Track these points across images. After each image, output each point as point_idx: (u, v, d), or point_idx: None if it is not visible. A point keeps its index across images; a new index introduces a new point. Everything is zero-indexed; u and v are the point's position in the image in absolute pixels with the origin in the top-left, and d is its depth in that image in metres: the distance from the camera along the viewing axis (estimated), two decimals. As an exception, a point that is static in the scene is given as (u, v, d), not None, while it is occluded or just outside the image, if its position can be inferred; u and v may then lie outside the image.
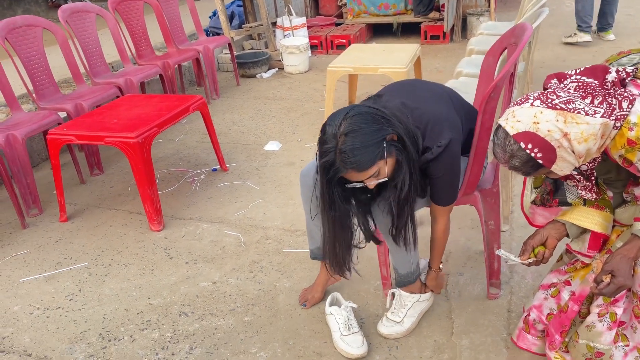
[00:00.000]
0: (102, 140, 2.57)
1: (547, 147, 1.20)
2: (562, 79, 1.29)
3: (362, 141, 1.40)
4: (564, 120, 1.18)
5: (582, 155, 1.22)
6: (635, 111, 1.18)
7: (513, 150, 1.23)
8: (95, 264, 2.44)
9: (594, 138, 1.19)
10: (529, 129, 1.20)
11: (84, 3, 3.79)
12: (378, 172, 1.46)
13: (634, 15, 6.24)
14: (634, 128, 1.17)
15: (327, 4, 6.83)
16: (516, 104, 1.26)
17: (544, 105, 1.20)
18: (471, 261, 2.25)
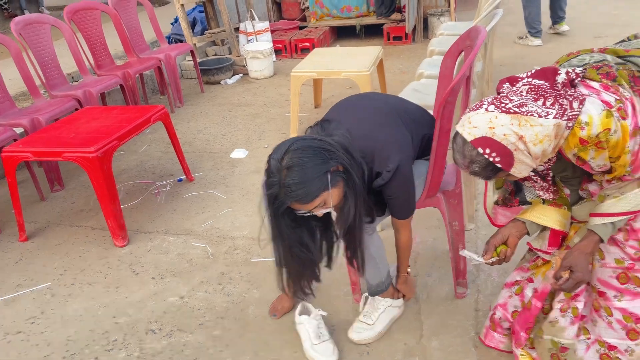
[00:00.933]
0: (59, 156, 2.50)
1: (505, 151, 1.21)
2: (514, 82, 1.31)
3: (304, 175, 1.41)
4: (518, 123, 1.20)
5: (539, 157, 1.25)
6: (585, 111, 1.20)
7: (472, 156, 1.25)
8: (57, 284, 2.37)
9: (548, 139, 1.21)
10: (485, 134, 1.22)
11: (38, 15, 3.68)
12: (324, 202, 1.47)
13: (587, 10, 6.42)
14: (585, 127, 1.20)
15: (290, 8, 6.82)
16: (471, 110, 1.27)
17: (498, 110, 1.22)
18: (439, 261, 2.27)
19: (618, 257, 1.40)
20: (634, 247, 1.37)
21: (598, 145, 1.21)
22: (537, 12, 5.18)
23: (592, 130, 1.19)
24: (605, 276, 1.43)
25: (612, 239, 1.40)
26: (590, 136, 1.20)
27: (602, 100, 1.21)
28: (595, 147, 1.21)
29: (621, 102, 1.21)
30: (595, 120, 1.19)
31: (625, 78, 1.26)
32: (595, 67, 1.29)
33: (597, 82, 1.26)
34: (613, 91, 1.22)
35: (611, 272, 1.42)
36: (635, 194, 1.30)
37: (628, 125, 1.20)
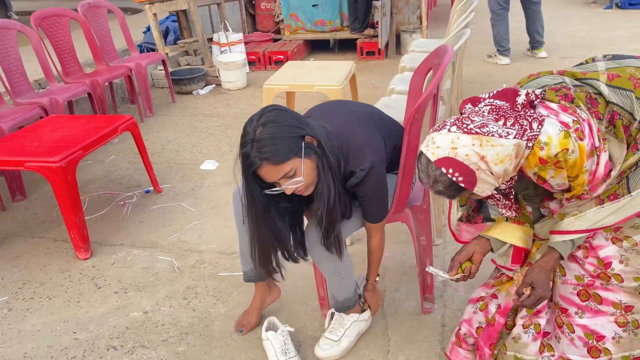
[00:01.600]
0: (22, 165, 2.43)
1: (467, 170, 1.23)
2: (476, 102, 1.34)
3: (279, 132, 1.42)
4: (479, 143, 1.22)
5: (501, 176, 1.27)
6: (544, 131, 1.23)
7: (436, 175, 1.26)
8: (15, 298, 2.28)
9: (509, 158, 1.24)
10: (448, 154, 1.24)
11: (3, 20, 3.60)
12: (294, 172, 1.45)
13: (554, 31, 6.63)
14: (544, 147, 1.23)
15: (264, 20, 6.83)
16: (435, 130, 1.29)
17: (460, 131, 1.24)
18: (406, 276, 2.28)
19: (578, 274, 1.43)
20: (592, 264, 1.41)
21: (557, 165, 1.24)
22: (505, 31, 5.32)
23: (551, 150, 1.22)
24: (567, 292, 1.46)
25: (572, 256, 1.43)
26: (549, 156, 1.23)
27: (560, 121, 1.24)
28: (554, 166, 1.24)
29: (578, 123, 1.24)
30: (554, 140, 1.22)
31: (582, 100, 1.30)
32: (554, 88, 1.32)
33: (556, 103, 1.29)
34: (571, 112, 1.26)
35: (572, 289, 1.45)
36: (593, 212, 1.34)
37: (585, 145, 1.23)
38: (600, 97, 1.31)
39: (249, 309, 2.02)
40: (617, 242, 1.37)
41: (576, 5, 8.74)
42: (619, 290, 1.40)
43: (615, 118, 1.29)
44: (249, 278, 1.97)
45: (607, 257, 1.38)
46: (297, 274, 2.24)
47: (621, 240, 1.37)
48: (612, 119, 1.29)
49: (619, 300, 1.40)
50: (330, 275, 1.79)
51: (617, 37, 6.24)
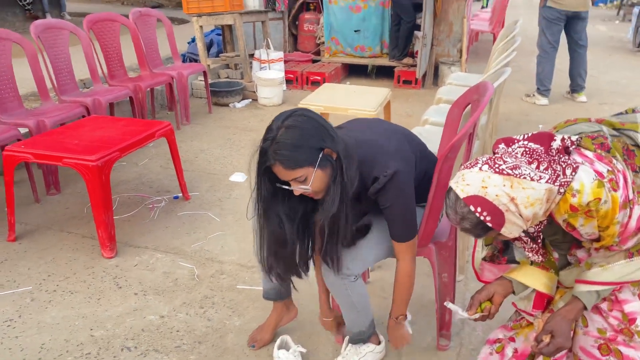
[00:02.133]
0: (60, 160, 2.51)
1: (496, 211, 1.22)
2: (510, 143, 1.33)
3: (298, 139, 1.42)
4: (510, 185, 1.21)
5: (530, 219, 1.25)
6: (578, 178, 1.22)
7: (464, 212, 1.25)
8: (39, 289, 2.34)
9: (539, 203, 1.22)
10: (477, 192, 1.23)
11: (58, 20, 3.76)
12: (305, 178, 1.46)
13: (597, 76, 6.55)
14: (576, 195, 1.21)
15: (305, 41, 6.95)
16: (466, 167, 1.29)
17: (491, 170, 1.23)
18: (424, 309, 2.25)
19: (601, 327, 1.40)
20: (617, 318, 1.37)
21: (588, 214, 1.22)
22: (550, 71, 5.27)
23: (582, 199, 1.20)
24: (587, 345, 1.42)
25: (596, 307, 1.40)
26: (580, 204, 1.21)
27: (594, 170, 1.22)
28: (585, 215, 1.22)
29: (613, 173, 1.22)
30: (586, 188, 1.20)
31: (619, 150, 1.28)
32: (591, 136, 1.31)
33: (592, 151, 1.28)
34: (606, 162, 1.24)
35: (593, 342, 1.41)
36: (621, 264, 1.31)
37: (619, 197, 1.21)
38: (637, 150, 1.29)
39: (264, 325, 2.02)
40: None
41: (621, 52, 8.64)
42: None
43: None
44: (269, 296, 1.98)
45: (633, 313, 1.35)
46: (314, 294, 2.24)
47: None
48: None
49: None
50: (344, 306, 1.77)
51: (661, 87, 6.12)
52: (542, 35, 5.24)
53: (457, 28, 6.05)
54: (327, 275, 1.70)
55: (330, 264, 1.65)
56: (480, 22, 8.53)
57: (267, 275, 1.73)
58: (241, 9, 5.48)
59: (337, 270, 1.65)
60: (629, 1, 13.23)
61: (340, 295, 1.74)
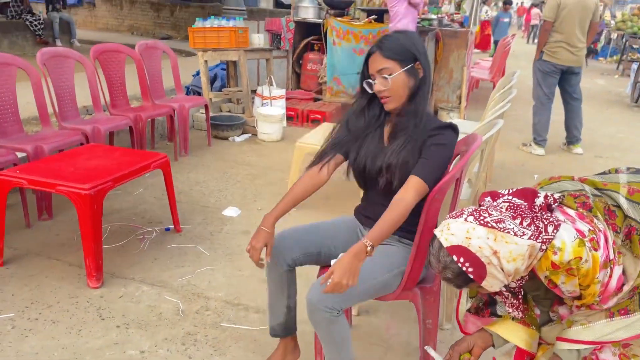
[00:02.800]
0: (53, 188, 2.52)
1: (478, 262, 1.23)
2: (495, 197, 1.35)
3: (403, 40, 1.72)
4: (494, 238, 1.22)
5: (511, 274, 1.26)
6: (559, 236, 1.23)
7: (446, 262, 1.26)
8: (21, 317, 2.31)
9: (521, 258, 1.23)
10: (461, 243, 1.24)
11: (65, 49, 3.84)
12: (390, 72, 1.70)
13: (594, 129, 6.64)
14: (558, 252, 1.22)
15: (308, 80, 7.08)
16: (452, 217, 1.30)
17: (476, 222, 1.25)
18: (409, 357, 2.22)
19: None
20: None
21: (569, 272, 1.23)
22: (547, 121, 5.36)
23: (564, 257, 1.21)
24: None
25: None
26: (562, 262, 1.22)
27: (576, 229, 1.23)
28: (566, 272, 1.23)
29: (594, 232, 1.24)
30: (567, 247, 1.21)
31: (600, 210, 1.30)
32: (573, 195, 1.33)
33: (574, 210, 1.29)
34: (588, 221, 1.26)
35: None
36: (602, 324, 1.30)
37: (599, 256, 1.22)
38: (618, 210, 1.30)
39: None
40: (623, 359, 1.33)
41: (618, 106, 8.78)
42: None
43: (633, 233, 1.28)
44: (276, 333, 1.97)
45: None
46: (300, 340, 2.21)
47: (629, 358, 1.32)
48: (630, 233, 1.29)
49: None
50: (326, 342, 1.73)
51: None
52: (538, 87, 5.35)
53: (457, 75, 6.18)
54: (315, 307, 1.65)
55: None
56: (481, 70, 8.72)
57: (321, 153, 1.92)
58: (246, 46, 5.61)
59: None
60: (627, 57, 13.55)
61: (322, 329, 1.69)
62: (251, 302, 2.53)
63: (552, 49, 5.13)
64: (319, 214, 3.47)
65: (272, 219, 1.78)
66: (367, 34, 6.21)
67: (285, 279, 1.88)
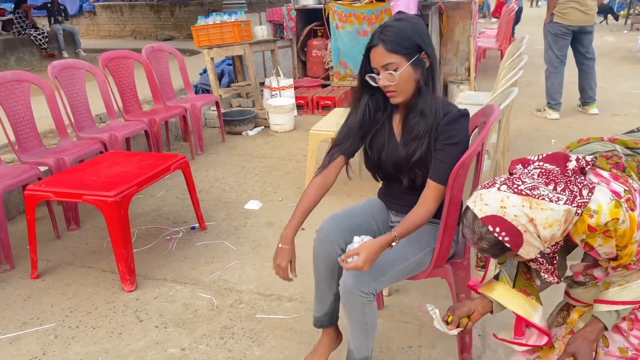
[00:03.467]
0: (79, 198, 2.57)
1: (515, 231, 1.23)
2: (526, 164, 1.35)
3: (407, 30, 1.61)
4: (529, 205, 1.22)
5: (547, 240, 1.26)
6: (595, 199, 1.22)
7: (482, 232, 1.26)
8: (62, 326, 2.38)
9: (558, 224, 1.23)
10: (496, 212, 1.24)
11: (75, 60, 3.88)
12: (396, 68, 1.61)
13: (607, 87, 6.53)
14: (594, 215, 1.21)
15: (314, 67, 7.05)
16: (484, 187, 1.30)
17: (510, 191, 1.24)
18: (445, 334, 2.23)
19: (622, 346, 1.39)
20: (637, 337, 1.36)
21: (606, 234, 1.22)
22: (560, 84, 5.28)
23: (600, 219, 1.21)
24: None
25: (616, 327, 1.39)
26: (598, 224, 1.21)
27: (611, 190, 1.23)
28: (603, 235, 1.23)
29: (630, 193, 1.23)
30: (604, 209, 1.20)
31: (634, 169, 1.29)
32: (605, 156, 1.32)
33: (607, 171, 1.28)
34: (622, 182, 1.25)
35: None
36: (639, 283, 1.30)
37: (636, 216, 1.22)
38: None
39: (315, 355, 1.99)
40: None
41: (630, 62, 8.60)
42: None
43: None
44: (322, 323, 1.97)
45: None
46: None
47: None
48: None
49: None
50: (356, 326, 1.75)
51: (673, 95, 6.07)
52: (549, 50, 5.27)
53: (464, 47, 6.10)
54: (349, 293, 1.69)
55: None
56: (487, 39, 8.59)
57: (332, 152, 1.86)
58: (250, 39, 5.61)
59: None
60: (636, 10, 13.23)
61: (356, 313, 1.72)
62: (283, 292, 2.57)
63: (563, 10, 5.04)
64: (339, 199, 3.49)
65: (290, 234, 1.75)
66: (369, 14, 6.16)
67: (337, 267, 1.84)
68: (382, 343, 2.18)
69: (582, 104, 5.53)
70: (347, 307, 1.74)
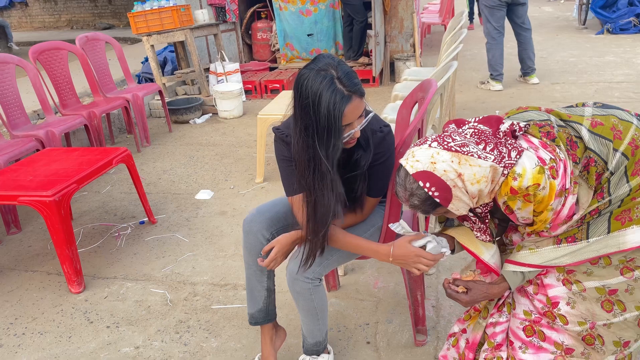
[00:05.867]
0: (15, 199, 2.44)
1: (444, 186, 1.26)
2: (461, 124, 1.37)
3: (350, 70, 1.40)
4: (458, 161, 1.25)
5: (475, 196, 1.29)
6: (521, 163, 1.26)
7: (412, 188, 1.29)
8: (7, 334, 2.27)
9: (485, 180, 1.26)
10: (426, 168, 1.27)
11: (2, 54, 3.65)
12: (362, 113, 1.43)
13: (546, 57, 6.73)
14: (517, 178, 1.25)
15: (260, 50, 6.94)
16: (416, 145, 1.32)
17: (440, 147, 1.27)
18: (400, 307, 2.27)
19: (527, 309, 1.47)
20: (541, 302, 1.43)
21: (526, 198, 1.26)
22: (500, 55, 5.41)
23: (523, 182, 1.25)
24: (514, 326, 1.49)
25: (523, 290, 1.47)
26: (520, 187, 1.25)
27: (538, 156, 1.26)
28: (523, 198, 1.27)
29: (555, 162, 1.26)
30: (527, 173, 1.24)
31: (563, 140, 1.32)
32: (538, 124, 1.35)
33: (537, 138, 1.32)
34: (550, 150, 1.28)
35: (519, 323, 1.48)
36: (549, 249, 1.37)
37: (556, 184, 1.26)
38: (580, 142, 1.34)
39: (264, 356, 1.91)
40: (567, 284, 1.40)
41: (568, 31, 8.89)
42: (563, 331, 1.42)
43: (591, 164, 1.32)
44: (257, 321, 1.88)
45: (555, 297, 1.41)
46: (291, 322, 2.24)
47: (571, 283, 1.39)
48: (588, 164, 1.32)
49: (562, 341, 1.42)
50: (306, 313, 1.74)
51: (608, 62, 6.33)
52: (487, 23, 5.37)
53: (408, 23, 6.14)
54: (294, 280, 1.67)
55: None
56: (430, 15, 8.68)
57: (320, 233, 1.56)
58: (191, 24, 5.45)
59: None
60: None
61: (303, 300, 1.70)
62: (239, 280, 2.54)
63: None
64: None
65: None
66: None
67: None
68: (339, 322, 2.19)
69: (523, 75, 5.68)
70: (294, 294, 1.73)
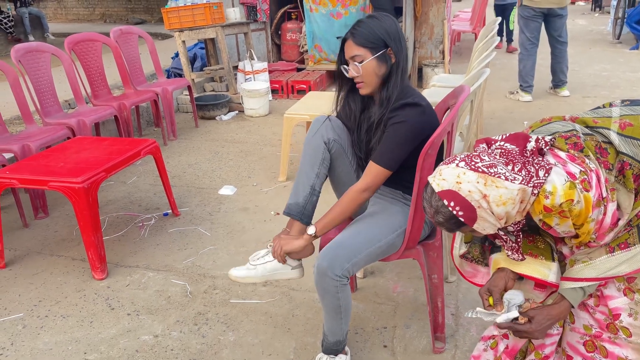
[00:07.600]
0: (45, 184, 2.50)
1: (468, 206, 1.25)
2: (490, 144, 1.35)
3: (375, 27, 1.73)
4: (484, 182, 1.24)
5: (502, 217, 1.27)
6: (550, 180, 1.24)
7: (438, 206, 1.29)
8: (30, 315, 2.33)
9: (512, 202, 1.24)
10: (452, 187, 1.26)
11: (39, 43, 3.75)
12: (361, 59, 1.73)
13: (579, 70, 6.62)
14: (549, 196, 1.23)
15: (289, 50, 6.97)
16: (444, 163, 1.32)
17: (467, 167, 1.26)
18: (418, 313, 2.26)
19: (586, 324, 1.41)
20: (603, 313, 1.38)
21: (561, 214, 1.24)
22: (532, 67, 5.34)
23: (555, 200, 1.22)
24: (574, 341, 1.44)
25: (583, 304, 1.41)
26: (553, 205, 1.23)
27: (567, 172, 1.24)
28: (559, 215, 1.24)
29: (586, 174, 1.24)
30: (558, 190, 1.22)
31: (592, 149, 1.30)
32: (564, 136, 1.33)
33: (565, 152, 1.29)
34: (579, 162, 1.26)
35: (579, 338, 1.42)
36: (603, 260, 1.32)
37: (591, 196, 1.23)
38: (610, 147, 1.31)
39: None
40: (629, 294, 1.35)
41: (601, 44, 8.73)
42: (627, 345, 1.37)
43: (626, 168, 1.29)
44: (290, 212, 1.87)
45: (616, 309, 1.36)
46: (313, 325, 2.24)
47: (634, 292, 1.34)
48: (622, 168, 1.29)
49: (625, 356, 1.37)
50: (330, 311, 1.75)
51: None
52: (522, 33, 5.31)
53: (438, 30, 6.10)
54: (322, 276, 1.68)
55: None
56: (461, 22, 8.62)
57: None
58: (222, 21, 5.50)
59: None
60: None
61: (329, 297, 1.71)
62: (257, 277, 2.55)
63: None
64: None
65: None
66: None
67: (320, 154, 1.86)
68: (357, 324, 2.18)
69: (553, 87, 5.60)
70: (320, 292, 1.74)
